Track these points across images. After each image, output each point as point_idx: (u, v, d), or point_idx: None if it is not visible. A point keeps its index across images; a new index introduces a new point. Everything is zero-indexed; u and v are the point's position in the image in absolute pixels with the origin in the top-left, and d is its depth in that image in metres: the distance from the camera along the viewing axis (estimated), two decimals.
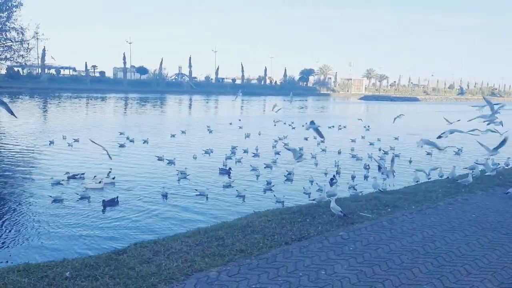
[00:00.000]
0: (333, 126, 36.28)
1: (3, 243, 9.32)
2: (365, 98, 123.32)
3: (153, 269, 5.46)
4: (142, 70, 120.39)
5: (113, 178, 14.59)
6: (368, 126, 35.95)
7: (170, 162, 18.18)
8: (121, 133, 26.11)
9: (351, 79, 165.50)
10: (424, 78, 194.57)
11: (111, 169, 14.70)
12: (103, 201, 11.77)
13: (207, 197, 13.11)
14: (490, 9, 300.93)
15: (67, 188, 13.61)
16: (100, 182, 13.86)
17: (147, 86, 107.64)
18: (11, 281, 4.97)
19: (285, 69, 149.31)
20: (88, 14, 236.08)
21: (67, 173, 14.98)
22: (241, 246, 6.38)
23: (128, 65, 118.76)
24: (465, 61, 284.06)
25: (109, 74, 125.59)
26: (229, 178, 15.67)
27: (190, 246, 6.38)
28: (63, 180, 14.48)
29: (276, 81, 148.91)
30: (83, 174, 15.11)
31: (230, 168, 16.67)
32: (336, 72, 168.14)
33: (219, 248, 6.30)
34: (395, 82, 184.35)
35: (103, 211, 11.37)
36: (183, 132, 28.98)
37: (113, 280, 5.14)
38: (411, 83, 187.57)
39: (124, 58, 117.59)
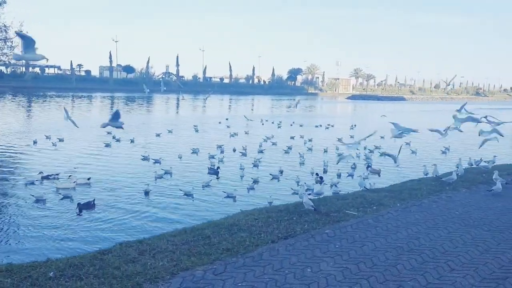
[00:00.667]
0: (320, 125, 36.50)
1: None
2: (353, 97, 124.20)
3: (139, 269, 5.43)
4: (128, 69, 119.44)
5: (88, 179, 14.38)
6: (354, 125, 36.22)
7: (156, 162, 18.07)
8: (108, 133, 25.89)
9: (338, 79, 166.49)
10: (410, 78, 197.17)
11: (88, 179, 14.47)
12: (78, 204, 11.46)
13: (192, 197, 13.07)
14: (476, 10, 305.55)
15: (41, 188, 13.45)
16: (74, 182, 13.68)
17: (133, 85, 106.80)
18: None
19: (273, 69, 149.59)
20: (73, 13, 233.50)
21: (41, 173, 14.78)
22: (228, 245, 6.38)
23: (114, 64, 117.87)
24: (450, 61, 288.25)
25: (95, 73, 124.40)
26: (217, 178, 15.65)
27: (176, 245, 6.36)
28: (36, 180, 14.30)
29: (264, 81, 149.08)
30: (57, 174, 14.88)
31: (218, 168, 16.64)
32: (324, 71, 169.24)
33: (205, 247, 6.29)
34: (382, 81, 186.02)
35: (79, 214, 11.14)
36: (169, 131, 28.84)
37: (98, 279, 5.09)
38: (398, 82, 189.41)
39: (111, 56, 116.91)
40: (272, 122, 37.72)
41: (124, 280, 5.09)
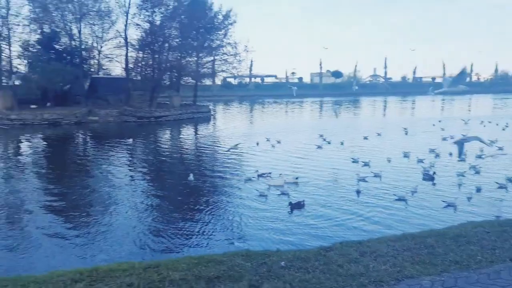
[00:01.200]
0: None
1: (223, 228, 10.81)
2: None
3: (361, 270, 5.48)
4: (337, 74, 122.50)
5: (296, 178, 15.26)
6: None
7: (365, 164, 17.98)
8: (320, 135, 26.97)
9: None
10: None
11: (296, 178, 15.38)
12: (290, 203, 12.16)
13: (406, 202, 12.50)
14: None
15: (256, 185, 14.91)
16: (283, 181, 14.71)
17: (341, 89, 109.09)
18: (237, 264, 5.68)
19: (496, 64, 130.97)
20: (285, 27, 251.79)
21: (257, 171, 16.39)
22: (455, 257, 5.86)
23: (324, 70, 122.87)
24: None
25: (307, 79, 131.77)
26: (433, 184, 14.61)
27: (397, 251, 6.18)
28: (253, 177, 15.87)
29: (486, 78, 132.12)
30: (269, 173, 16.28)
31: (434, 173, 15.51)
32: None
33: (429, 256, 5.92)
34: None
35: (290, 213, 11.84)
36: (378, 134, 28.30)
37: (324, 275, 5.35)
38: None
39: (321, 63, 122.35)
40: (497, 124, 33.11)
41: (348, 279, 5.21)
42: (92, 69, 48.70)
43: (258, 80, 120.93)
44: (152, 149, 26.26)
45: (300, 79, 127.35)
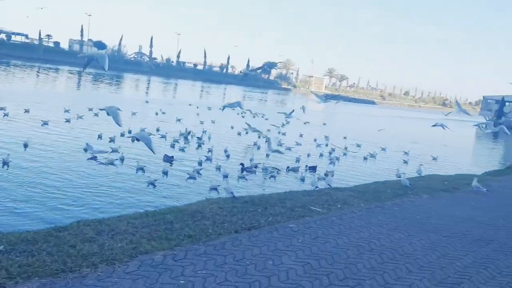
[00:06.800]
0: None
1: None
2: (325, 96, 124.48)
3: (95, 249, 5.21)
4: (99, 44, 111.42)
5: None
6: (324, 124, 36.58)
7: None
8: (66, 111, 24.43)
9: (312, 76, 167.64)
10: (382, 83, 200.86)
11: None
12: None
13: (154, 185, 12.52)
14: (449, 22, 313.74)
15: None
16: None
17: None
18: None
19: (248, 60, 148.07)
20: None
21: None
22: (190, 232, 6.24)
23: (85, 38, 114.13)
24: (421, 70, 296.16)
25: (64, 45, 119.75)
26: (171, 165, 15.18)
27: (136, 228, 6.16)
28: None
29: (240, 71, 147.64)
30: None
31: (172, 156, 16.12)
32: (299, 68, 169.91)
33: (166, 232, 6.13)
34: (354, 83, 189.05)
35: None
36: (133, 113, 27.56)
37: (51, 257, 4.85)
38: (370, 86, 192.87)
39: (82, 30, 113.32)
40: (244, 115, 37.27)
41: (78, 260, 4.87)
42: None
43: (3, 36, 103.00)
44: None
45: (57, 44, 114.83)
